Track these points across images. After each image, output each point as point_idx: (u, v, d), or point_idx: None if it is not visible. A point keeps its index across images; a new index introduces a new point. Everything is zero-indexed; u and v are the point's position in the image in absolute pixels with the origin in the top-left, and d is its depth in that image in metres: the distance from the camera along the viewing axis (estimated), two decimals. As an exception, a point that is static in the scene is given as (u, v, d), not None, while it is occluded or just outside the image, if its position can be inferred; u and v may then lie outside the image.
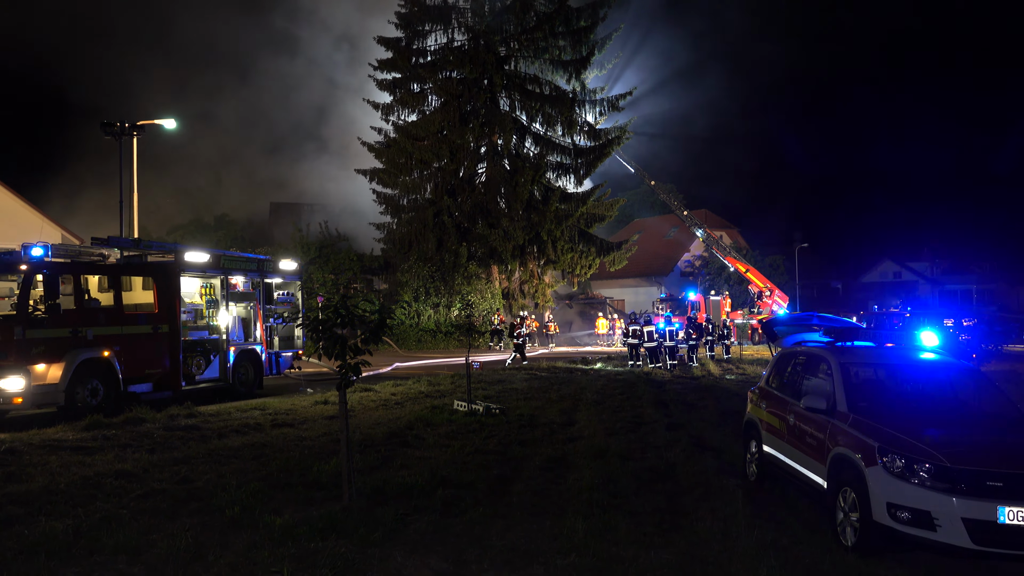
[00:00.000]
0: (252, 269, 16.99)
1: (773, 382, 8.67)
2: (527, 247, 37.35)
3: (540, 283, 39.10)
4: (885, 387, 7.46)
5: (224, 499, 7.45)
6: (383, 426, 11.83)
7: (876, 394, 7.20)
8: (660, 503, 7.55)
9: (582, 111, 37.62)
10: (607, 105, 37.89)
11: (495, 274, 38.63)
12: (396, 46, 37.60)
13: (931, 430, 6.27)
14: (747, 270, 42.58)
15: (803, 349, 8.36)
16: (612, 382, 18.83)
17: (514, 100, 37.31)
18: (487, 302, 36.58)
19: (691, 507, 7.41)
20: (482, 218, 37.06)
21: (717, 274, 50.92)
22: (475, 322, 36.01)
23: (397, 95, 37.62)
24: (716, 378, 20.34)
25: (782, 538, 6.45)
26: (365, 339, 7.15)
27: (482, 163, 38.02)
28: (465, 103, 36.80)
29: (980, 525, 5.52)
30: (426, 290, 35.73)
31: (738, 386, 17.99)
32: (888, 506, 5.84)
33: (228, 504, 7.26)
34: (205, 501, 7.46)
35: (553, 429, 11.73)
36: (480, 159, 37.89)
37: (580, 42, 37.08)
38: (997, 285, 58.99)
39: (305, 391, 17.01)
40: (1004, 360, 23.04)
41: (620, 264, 39.19)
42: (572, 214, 36.67)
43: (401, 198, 38.17)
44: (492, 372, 21.01)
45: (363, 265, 37.12)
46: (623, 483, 8.25)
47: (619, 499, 7.63)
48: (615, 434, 11.31)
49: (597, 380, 19.31)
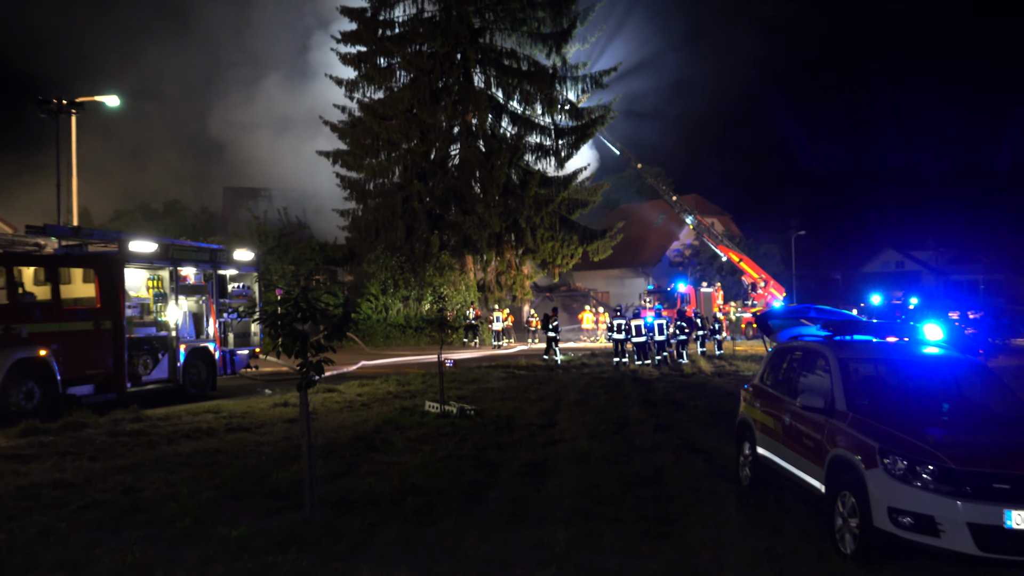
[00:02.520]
0: (204, 260, 16.85)
1: (768, 379, 8.73)
2: (504, 235, 37.36)
3: (518, 274, 39.12)
4: (887, 384, 7.54)
5: (174, 510, 7.38)
6: (348, 430, 11.81)
7: (877, 392, 7.27)
8: (647, 510, 7.59)
9: (563, 88, 37.63)
10: (590, 82, 37.91)
11: (470, 265, 38.57)
12: (361, 17, 37.32)
13: (935, 430, 6.35)
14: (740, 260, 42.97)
15: (799, 344, 8.42)
16: (596, 380, 18.93)
17: (489, 76, 37.22)
18: (461, 295, 36.54)
19: (680, 514, 7.46)
20: (455, 204, 36.98)
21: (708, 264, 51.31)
22: (448, 316, 35.94)
23: (362, 70, 37.37)
24: (707, 376, 20.48)
25: (777, 546, 6.52)
26: (328, 335, 7.13)
27: (455, 144, 37.89)
28: (436, 79, 36.64)
29: (986, 530, 5.55)
30: (394, 282, 35.63)
31: (730, 384, 18.13)
32: (889, 511, 5.90)
33: (178, 515, 7.20)
34: (153, 512, 7.39)
35: (532, 431, 11.77)
36: (453, 140, 37.77)
37: (560, 13, 37.02)
38: (1005, 275, 59.97)
39: (263, 392, 16.94)
40: (1012, 355, 23.43)
41: (604, 253, 39.35)
42: (553, 200, 36.71)
43: (367, 182, 37.99)
44: (466, 371, 21.02)
45: (326, 255, 36.90)
46: (607, 489, 8.29)
47: (603, 506, 7.66)
48: (599, 436, 11.36)
49: (580, 378, 19.40)
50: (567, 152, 38.11)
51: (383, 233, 36.70)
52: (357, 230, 37.88)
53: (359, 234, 37.61)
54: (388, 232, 36.61)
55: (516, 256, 39.04)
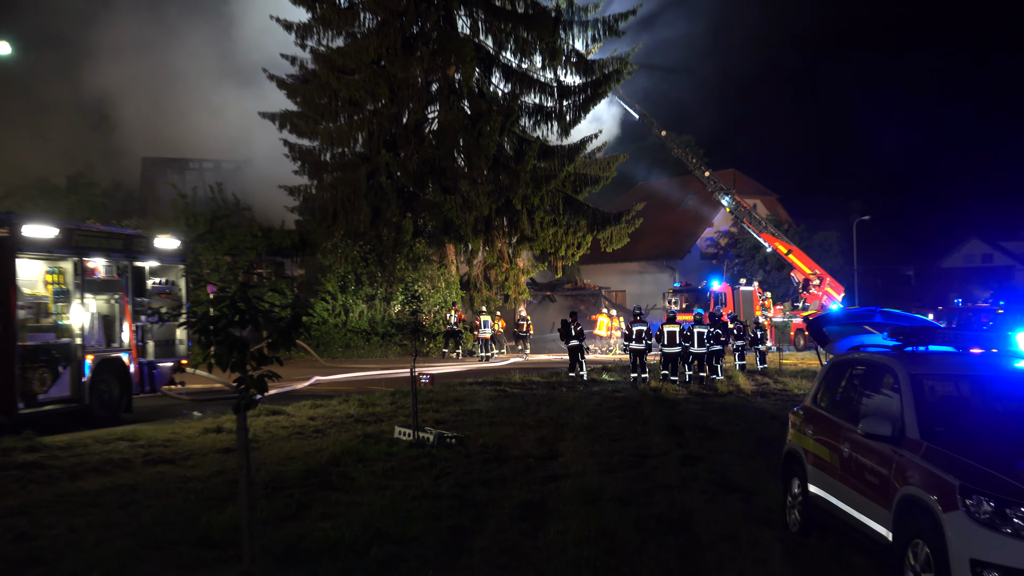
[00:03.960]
0: (117, 248, 16.79)
1: (822, 400, 8.74)
2: (494, 219, 37.32)
3: (512, 268, 39.07)
4: (970, 407, 7.56)
5: (78, 563, 7.35)
6: (298, 461, 11.81)
7: (958, 416, 7.30)
8: (671, 564, 7.60)
9: (568, 36, 37.64)
10: (602, 28, 37.93)
11: (451, 256, 38.49)
12: (315, -56, 37.33)
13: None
14: (789, 251, 43.08)
15: (862, 356, 8.44)
16: (608, 401, 18.97)
17: (477, 20, 37.20)
18: (440, 293, 36.47)
19: (713, 568, 7.48)
20: (433, 180, 36.96)
21: (749, 256, 51.40)
22: (424, 320, 35.90)
23: (317, 11, 37.27)
24: (747, 395, 20.54)
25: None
26: (273, 343, 7.13)
27: (433, 105, 37.82)
28: (410, 23, 36.61)
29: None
30: (357, 277, 35.49)
31: (776, 406, 18.20)
32: (972, 564, 5.91)
33: (84, 570, 7.17)
34: (52, 565, 7.36)
35: (529, 464, 11.79)
36: (431, 100, 37.71)
37: (565, -60, 37.12)
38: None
39: (191, 415, 16.90)
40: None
41: (620, 242, 39.34)
42: (555, 175, 36.72)
43: (323, 152, 37.91)
44: (447, 388, 21.00)
45: (270, 243, 36.73)
46: (622, 537, 8.29)
47: (616, 558, 7.67)
48: (612, 471, 11.38)
49: (588, 398, 19.47)
50: (573, 116, 38.09)
51: (342, 216, 36.63)
52: (310, 212, 37.78)
53: (312, 217, 37.50)
54: (349, 215, 36.53)
55: (509, 245, 38.95)
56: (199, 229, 34.42)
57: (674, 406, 18.25)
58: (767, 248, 44.90)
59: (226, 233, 35.25)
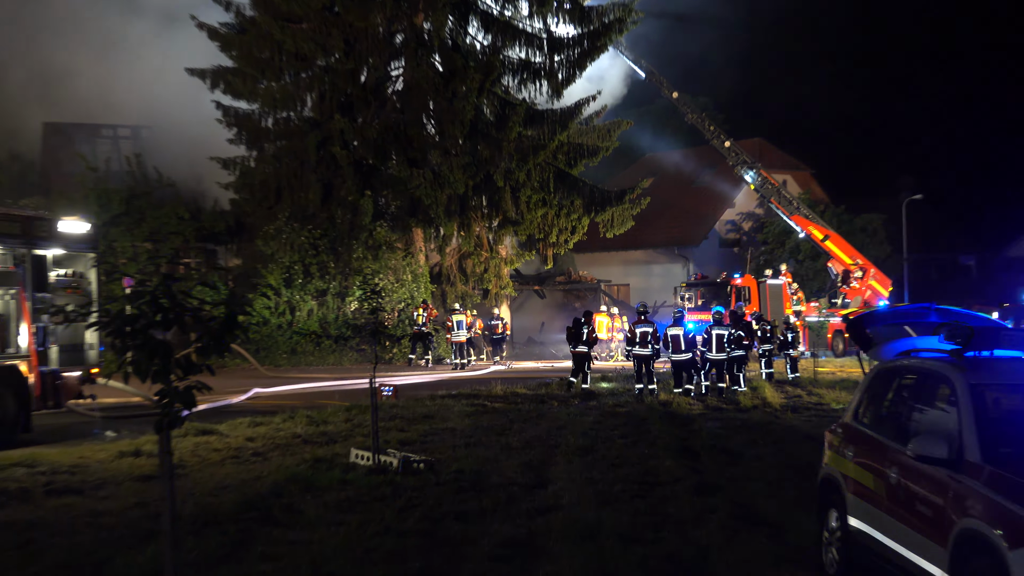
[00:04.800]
0: (12, 233, 16.69)
1: (865, 416, 8.75)
2: (471, 198, 37.31)
3: (493, 257, 39.03)
4: (1042, 423, 7.59)
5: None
6: (234, 491, 11.79)
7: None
8: (684, 612, 7.62)
9: (561, -24, 37.70)
10: (602, -34, 38.02)
11: (419, 242, 38.45)
12: None
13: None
14: (825, 237, 43.15)
15: (913, 363, 8.46)
16: (609, 417, 19.02)
17: (450, -43, 37.13)
18: (406, 288, 36.44)
19: (734, 618, 7.49)
20: (398, 151, 36.91)
21: (777, 244, 51.50)
22: (386, 321, 35.77)
23: (256, -56, 37.14)
24: (775, 410, 20.60)
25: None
26: (203, 348, 7.07)
27: (398, 60, 37.80)
28: (370, -39, 36.50)
29: None
30: (305, 268, 35.40)
31: (810, 423, 18.24)
32: (1044, 611, 5.93)
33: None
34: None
35: (512, 494, 11.79)
36: (395, 54, 37.66)
37: None
38: None
39: (103, 435, 16.81)
40: None
41: (622, 226, 39.37)
42: (545, 145, 36.71)
43: (264, 117, 37.87)
44: (414, 402, 20.99)
45: (200, 228, 36.66)
46: (625, 580, 8.29)
47: (619, 606, 7.67)
48: (613, 501, 11.39)
49: (584, 414, 19.50)
50: (566, 74, 38.10)
51: (287, 194, 36.52)
52: (248, 189, 37.70)
53: (251, 195, 37.43)
54: (295, 192, 36.43)
55: (489, 230, 38.89)
56: (113, 210, 34.22)
57: (687, 423, 18.26)
58: (799, 233, 44.96)
59: (146, 215, 35.06)
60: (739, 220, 56.24)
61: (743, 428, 17.62)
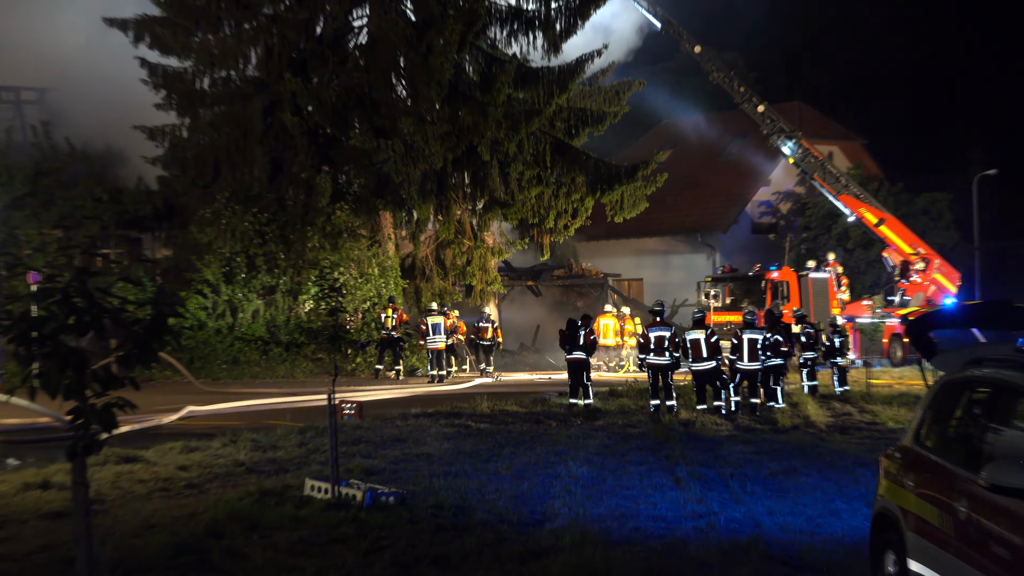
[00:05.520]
0: None
1: (928, 438, 8.74)
2: (451, 174, 37.38)
3: (477, 246, 39.01)
4: None
5: None
6: (163, 531, 11.77)
7: None
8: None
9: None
10: None
11: (388, 228, 38.48)
12: None
13: None
14: (880, 221, 43.07)
15: (986, 374, 8.40)
16: (618, 441, 19.05)
17: None
18: (372, 284, 36.46)
19: None
20: (361, 118, 36.94)
21: (822, 229, 51.42)
22: (348, 324, 35.78)
23: None
24: (819, 431, 20.61)
25: None
26: (126, 357, 7.15)
27: (361, 8, 37.88)
28: None
29: None
30: (250, 260, 35.43)
31: (861, 446, 18.27)
32: None
33: None
34: None
35: (502, 534, 11.79)
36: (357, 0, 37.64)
37: None
38: None
39: (4, 463, 16.75)
40: None
41: (634, 209, 39.39)
42: (540, 111, 36.64)
43: (199, 77, 37.92)
44: (383, 422, 21.03)
45: (122, 211, 36.68)
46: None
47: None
48: (624, 541, 11.35)
49: (589, 436, 19.52)
50: (566, 23, 38.10)
51: (228, 170, 36.55)
52: (180, 165, 37.71)
53: (184, 172, 37.45)
54: (237, 168, 36.46)
55: (472, 213, 38.95)
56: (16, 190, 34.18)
57: (714, 448, 18.28)
58: (848, 216, 44.81)
59: (56, 196, 34.99)
60: (775, 201, 56.17)
61: (780, 453, 17.58)
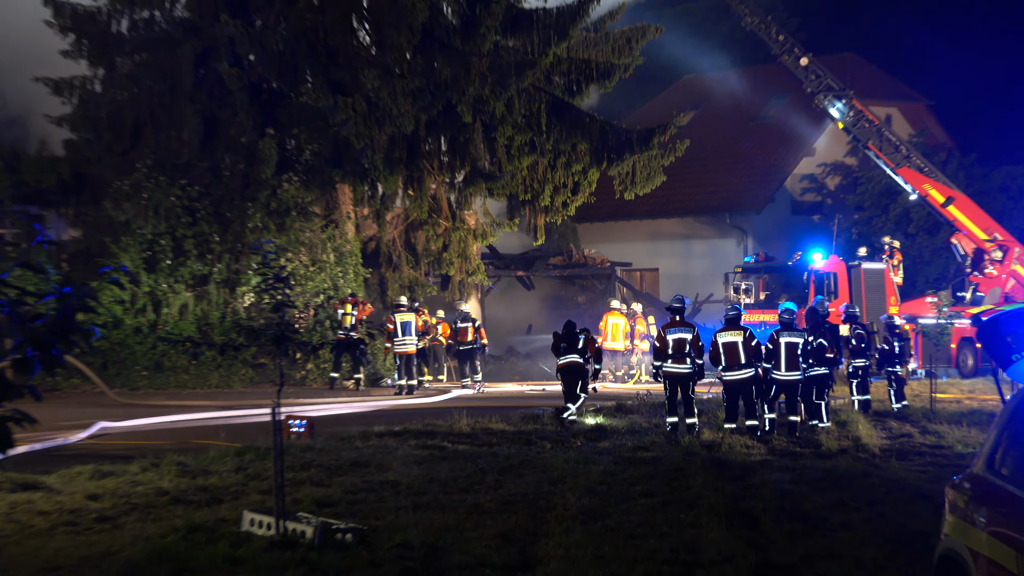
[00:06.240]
0: None
1: (1005, 465, 8.84)
2: (424, 140, 37.69)
3: (456, 227, 39.15)
4: None
5: None
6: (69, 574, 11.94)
7: None
8: None
9: None
10: None
11: (346, 206, 38.78)
12: None
13: None
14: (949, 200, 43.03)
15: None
16: (627, 466, 19.20)
17: None
18: (327, 273, 36.77)
19: None
20: (315, 70, 37.17)
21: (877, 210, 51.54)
22: (298, 322, 35.92)
23: None
24: (872, 455, 20.75)
25: None
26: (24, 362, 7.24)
27: (315, -66, 37.87)
28: None
29: None
30: (177, 244, 35.74)
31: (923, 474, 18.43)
32: None
33: None
34: None
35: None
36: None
37: None
38: None
39: None
40: None
41: (649, 184, 39.66)
42: (534, 62, 36.90)
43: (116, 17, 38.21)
44: (339, 442, 21.32)
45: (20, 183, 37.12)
46: None
47: None
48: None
49: (591, 461, 19.63)
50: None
51: (152, 133, 36.84)
52: (93, 126, 37.96)
53: (97, 135, 37.71)
54: (163, 131, 36.73)
55: (451, 187, 39.27)
56: None
57: (743, 475, 18.38)
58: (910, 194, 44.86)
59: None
60: (821, 174, 56.49)
61: (825, 483, 17.64)
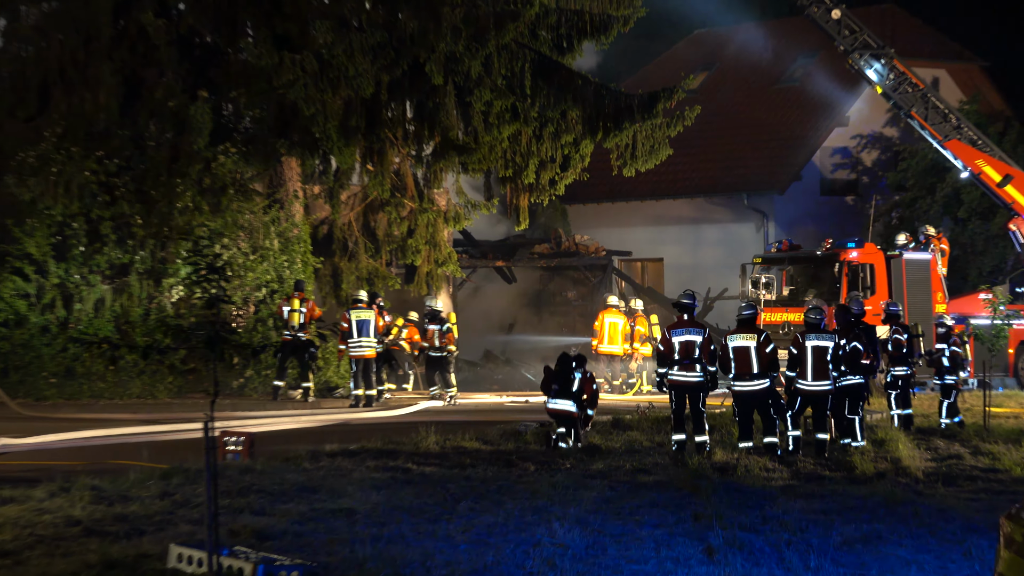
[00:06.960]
0: None
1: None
2: (386, 104, 37.59)
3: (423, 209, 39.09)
4: None
5: None
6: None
7: None
8: None
9: None
10: None
11: (293, 182, 38.71)
12: None
13: None
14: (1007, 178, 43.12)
15: None
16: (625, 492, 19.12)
17: None
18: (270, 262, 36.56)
19: None
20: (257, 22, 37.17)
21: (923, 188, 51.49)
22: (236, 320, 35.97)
23: None
24: (914, 480, 20.73)
25: None
26: None
27: None
28: None
29: None
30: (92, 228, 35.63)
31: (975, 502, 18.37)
32: None
33: None
34: None
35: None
36: None
37: None
38: None
39: None
40: None
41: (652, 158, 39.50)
42: (518, 14, 36.55)
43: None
44: (284, 463, 21.18)
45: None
46: None
47: None
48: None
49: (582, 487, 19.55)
50: None
51: (62, 95, 36.48)
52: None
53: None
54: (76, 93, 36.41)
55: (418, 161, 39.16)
56: None
57: (763, 504, 18.20)
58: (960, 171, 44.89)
59: None
60: (855, 148, 56.19)
61: (858, 512, 17.49)
